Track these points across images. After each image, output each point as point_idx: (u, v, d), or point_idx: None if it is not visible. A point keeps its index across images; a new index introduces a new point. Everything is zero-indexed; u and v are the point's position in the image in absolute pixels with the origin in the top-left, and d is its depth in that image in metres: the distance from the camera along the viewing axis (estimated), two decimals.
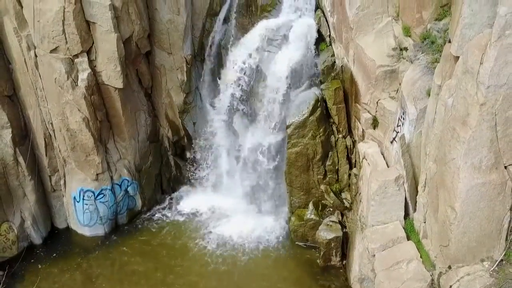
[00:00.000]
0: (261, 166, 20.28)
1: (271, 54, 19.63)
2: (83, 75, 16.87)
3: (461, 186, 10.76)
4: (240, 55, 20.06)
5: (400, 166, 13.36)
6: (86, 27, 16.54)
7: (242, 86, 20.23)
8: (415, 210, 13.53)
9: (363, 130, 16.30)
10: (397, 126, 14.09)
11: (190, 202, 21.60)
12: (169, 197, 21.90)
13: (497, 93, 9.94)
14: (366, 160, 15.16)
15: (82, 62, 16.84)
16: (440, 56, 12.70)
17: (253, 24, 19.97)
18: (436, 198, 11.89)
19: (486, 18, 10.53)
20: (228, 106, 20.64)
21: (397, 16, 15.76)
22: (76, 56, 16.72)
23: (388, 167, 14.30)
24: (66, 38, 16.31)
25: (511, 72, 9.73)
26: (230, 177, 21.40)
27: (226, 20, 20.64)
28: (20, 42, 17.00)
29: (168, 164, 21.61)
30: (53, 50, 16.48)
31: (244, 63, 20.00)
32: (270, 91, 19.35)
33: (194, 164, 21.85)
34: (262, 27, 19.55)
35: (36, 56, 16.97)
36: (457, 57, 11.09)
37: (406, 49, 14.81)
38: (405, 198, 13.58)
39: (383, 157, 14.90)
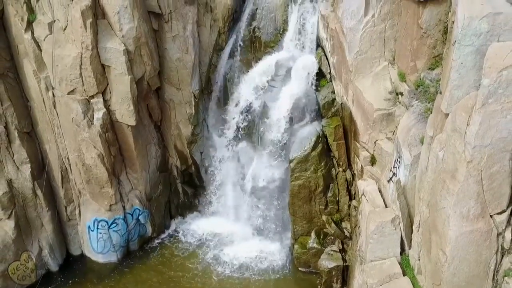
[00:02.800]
0: (265, 194, 21.33)
1: (274, 88, 20.74)
2: (99, 114, 17.92)
3: (451, 233, 11.79)
4: (245, 89, 21.21)
5: (396, 207, 14.41)
6: (102, 70, 17.61)
7: (247, 118, 21.36)
8: (410, 247, 14.55)
9: (362, 166, 17.35)
10: (393, 167, 15.14)
11: (197, 227, 22.65)
12: (178, 222, 22.95)
13: (482, 152, 10.98)
14: (365, 196, 16.19)
15: (98, 102, 17.90)
16: (433, 105, 13.76)
17: (257, 59, 21.09)
18: (429, 240, 12.92)
19: (473, 80, 11.57)
20: (234, 136, 21.79)
21: (393, 60, 16.84)
22: (92, 97, 17.79)
23: (385, 204, 15.35)
24: (83, 81, 17.38)
25: (494, 134, 10.76)
26: (236, 204, 22.42)
27: (231, 55, 21.72)
28: (39, 83, 18.07)
29: (177, 191, 22.67)
30: (71, 92, 17.55)
31: (248, 96, 21.15)
32: (274, 123, 20.38)
33: (201, 191, 22.91)
34: (265, 63, 20.67)
35: (54, 96, 18.05)
36: (447, 113, 12.15)
37: (401, 94, 15.86)
38: (401, 236, 14.61)
39: (381, 194, 15.94)
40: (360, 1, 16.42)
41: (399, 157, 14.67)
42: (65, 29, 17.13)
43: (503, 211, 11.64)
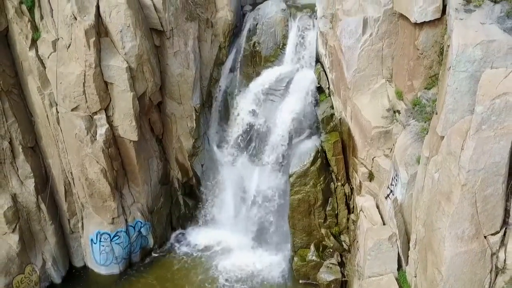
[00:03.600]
0: (265, 206, 21.66)
1: (274, 102, 21.09)
2: (101, 130, 18.23)
3: (446, 253, 12.09)
4: (245, 103, 21.57)
5: (393, 224, 14.72)
6: (105, 87, 17.91)
7: (247, 131, 21.69)
8: (407, 263, 14.87)
9: (360, 181, 17.67)
10: (391, 184, 15.45)
11: (198, 238, 22.97)
12: (179, 233, 23.29)
13: (476, 176, 11.29)
14: (363, 212, 16.50)
15: (101, 119, 18.20)
16: (429, 125, 14.08)
17: (258, 73, 21.43)
18: (425, 258, 13.23)
19: (467, 105, 11.89)
20: (234, 149, 22.12)
21: (391, 78, 17.16)
22: (95, 113, 18.08)
23: (383, 221, 15.66)
24: (86, 98, 17.69)
25: (488, 159, 11.07)
26: (236, 215, 22.75)
27: (232, 69, 22.08)
28: (43, 100, 18.39)
29: (178, 203, 22.98)
30: (74, 109, 17.85)
31: (249, 110, 21.51)
32: (274, 137, 20.78)
33: (202, 202, 23.23)
34: (265, 77, 21.02)
35: (57, 112, 18.35)
36: (443, 136, 12.47)
37: (398, 112, 16.17)
38: (398, 253, 14.92)
39: (379, 210, 16.25)
40: (358, 21, 16.76)
41: (396, 175, 14.98)
42: (68, 47, 17.45)
43: (497, 232, 11.96)
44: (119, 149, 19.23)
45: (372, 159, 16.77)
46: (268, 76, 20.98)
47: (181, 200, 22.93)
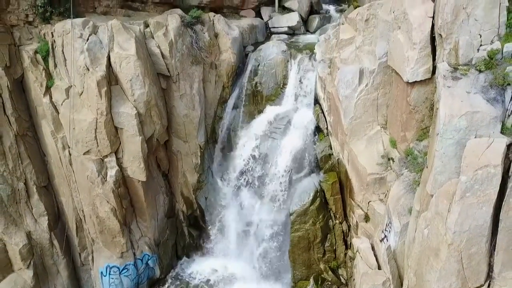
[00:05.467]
0: (267, 238, 22.63)
1: (275, 140, 22.07)
2: (112, 172, 19.22)
3: None
4: (247, 139, 22.55)
5: (387, 269, 15.69)
6: (115, 132, 18.91)
7: (249, 166, 22.67)
8: None
9: (357, 221, 18.65)
10: (385, 229, 16.43)
11: (202, 267, 23.90)
12: (183, 262, 24.25)
13: (461, 236, 12.27)
14: (359, 254, 17.48)
15: (111, 161, 19.20)
16: (420, 177, 15.08)
17: (259, 111, 22.46)
18: None
19: (454, 167, 12.87)
20: (237, 183, 23.09)
21: (386, 125, 18.14)
22: (106, 156, 19.08)
23: (378, 263, 16.63)
24: (97, 143, 18.69)
25: (472, 222, 12.05)
26: (238, 246, 23.72)
27: (235, 106, 23.07)
28: (56, 143, 19.39)
29: (183, 233, 23.97)
30: (86, 153, 18.85)
31: (251, 145, 22.48)
32: (274, 173, 21.73)
33: (206, 232, 24.21)
34: (267, 115, 22.03)
35: (70, 155, 19.35)
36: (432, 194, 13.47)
37: (393, 160, 17.16)
38: None
39: (374, 251, 17.23)
40: (354, 72, 17.78)
41: (390, 223, 15.96)
42: (81, 94, 18.47)
43: (481, 286, 12.93)
44: (128, 188, 20.21)
45: (368, 203, 17.76)
46: (269, 114, 21.98)
47: (186, 231, 23.93)
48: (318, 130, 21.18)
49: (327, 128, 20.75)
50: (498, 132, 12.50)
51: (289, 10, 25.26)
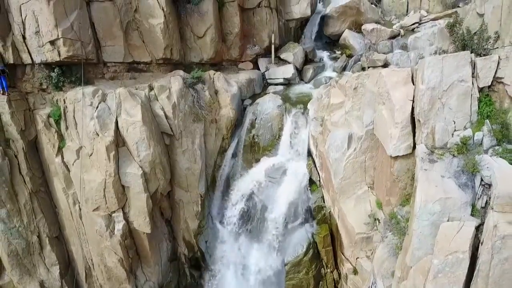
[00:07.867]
0: (263, 280, 24.05)
1: (271, 188, 23.52)
2: (119, 226, 20.67)
3: None
4: (245, 186, 23.98)
5: None
6: (122, 190, 20.36)
7: (247, 212, 24.12)
8: None
9: (346, 273, 20.11)
10: (371, 286, 17.89)
11: None
12: None
13: None
14: None
15: (118, 216, 20.63)
16: (402, 243, 16.54)
17: (257, 160, 23.88)
18: None
19: (429, 244, 14.33)
20: (235, 228, 24.50)
21: (373, 185, 19.61)
22: (114, 211, 20.53)
23: None
24: (106, 200, 20.14)
25: None
26: (237, 286, 25.17)
27: (233, 155, 24.52)
28: (67, 198, 20.85)
29: (185, 274, 25.42)
30: (95, 209, 20.29)
31: (249, 192, 23.94)
32: (271, 221, 23.14)
33: (207, 273, 25.66)
34: (263, 165, 23.47)
35: (80, 210, 20.81)
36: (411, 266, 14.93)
37: (379, 220, 18.63)
38: None
39: None
40: (343, 137, 19.25)
41: (375, 282, 17.43)
42: (91, 155, 19.91)
43: None
44: (134, 238, 21.66)
45: (356, 258, 19.22)
46: (265, 164, 23.40)
47: (188, 272, 25.37)
48: (311, 181, 22.62)
49: (319, 181, 22.19)
50: (469, 215, 13.99)
51: (285, 61, 26.69)
